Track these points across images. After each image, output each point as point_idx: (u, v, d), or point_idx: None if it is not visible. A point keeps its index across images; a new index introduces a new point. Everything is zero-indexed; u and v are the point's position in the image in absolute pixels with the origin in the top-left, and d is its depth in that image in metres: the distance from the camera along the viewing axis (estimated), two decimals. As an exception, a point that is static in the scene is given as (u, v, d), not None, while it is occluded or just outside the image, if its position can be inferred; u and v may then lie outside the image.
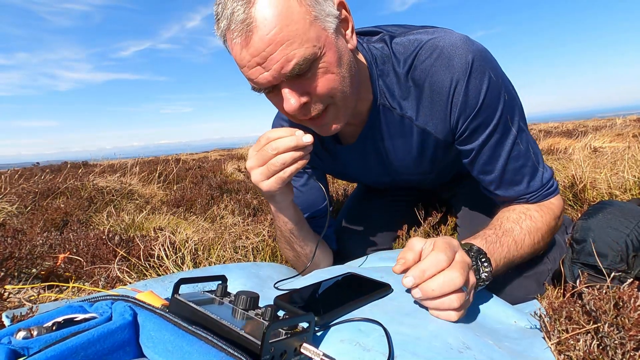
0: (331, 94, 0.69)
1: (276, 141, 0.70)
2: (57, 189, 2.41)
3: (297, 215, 0.89)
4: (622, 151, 2.35)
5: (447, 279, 0.54)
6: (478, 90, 0.72)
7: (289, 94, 0.66)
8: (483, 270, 0.65)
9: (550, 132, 5.70)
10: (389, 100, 0.81)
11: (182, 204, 2.19)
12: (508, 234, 0.74)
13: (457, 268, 0.55)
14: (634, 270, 0.75)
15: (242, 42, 0.63)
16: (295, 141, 0.69)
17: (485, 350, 0.52)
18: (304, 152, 0.71)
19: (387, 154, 0.91)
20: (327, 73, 0.66)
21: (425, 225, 1.13)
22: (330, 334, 0.53)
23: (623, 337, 0.49)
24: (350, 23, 0.72)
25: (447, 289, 0.54)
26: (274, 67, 0.63)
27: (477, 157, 0.80)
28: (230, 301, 0.54)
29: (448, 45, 0.73)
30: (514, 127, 0.77)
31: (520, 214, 0.79)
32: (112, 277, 1.08)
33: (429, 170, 0.96)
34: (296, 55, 0.62)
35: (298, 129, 0.71)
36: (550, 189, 0.82)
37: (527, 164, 0.79)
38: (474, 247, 0.66)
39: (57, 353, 0.39)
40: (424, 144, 0.85)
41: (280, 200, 0.84)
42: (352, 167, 1.01)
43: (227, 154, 6.74)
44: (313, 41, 0.63)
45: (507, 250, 0.72)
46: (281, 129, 0.71)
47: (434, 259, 0.56)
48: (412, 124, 0.82)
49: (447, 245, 0.58)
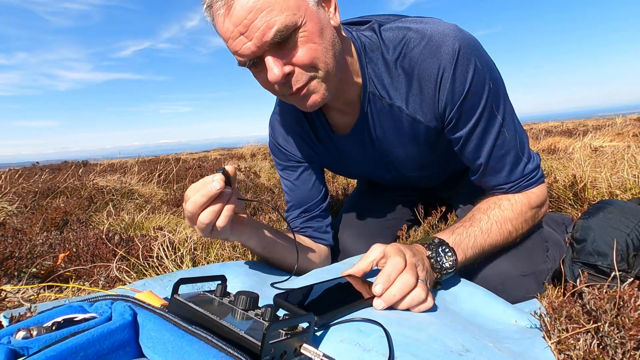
0: (314, 64, 0.69)
1: (189, 202, 0.66)
2: (57, 188, 2.41)
3: (263, 241, 0.85)
4: (622, 150, 2.35)
5: (403, 281, 0.61)
6: (464, 78, 0.74)
7: (273, 62, 0.67)
8: (447, 259, 0.71)
9: (550, 131, 5.70)
10: (377, 89, 0.82)
11: (182, 203, 2.18)
12: (475, 224, 0.79)
13: (408, 269, 0.62)
14: (634, 270, 0.75)
15: (225, 12, 0.65)
16: (207, 195, 0.65)
17: (485, 352, 0.52)
18: (222, 202, 0.67)
19: (381, 144, 0.91)
20: (308, 42, 0.67)
21: (425, 224, 1.13)
22: (330, 334, 0.53)
23: (623, 336, 0.49)
24: (333, 1, 0.74)
25: (406, 290, 0.61)
26: (255, 35, 0.64)
27: (466, 144, 0.81)
28: (230, 301, 0.53)
29: (436, 34, 0.74)
30: (499, 115, 0.78)
31: (490, 204, 0.83)
32: (112, 277, 1.08)
33: (426, 164, 0.96)
34: (277, 21, 0.64)
35: (216, 172, 0.67)
36: (531, 180, 0.83)
37: (510, 153, 0.81)
38: (436, 240, 0.73)
39: (56, 353, 0.39)
40: (415, 133, 0.85)
41: (235, 239, 0.80)
42: (348, 159, 1.01)
43: (227, 153, 6.75)
44: (293, 9, 0.65)
45: (474, 240, 0.76)
46: (196, 184, 0.68)
47: (393, 262, 0.62)
48: (402, 113, 0.82)
49: (397, 249, 0.66)
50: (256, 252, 0.88)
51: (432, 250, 0.72)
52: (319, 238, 1.05)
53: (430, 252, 0.71)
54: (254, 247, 0.85)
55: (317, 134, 0.97)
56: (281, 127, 1.02)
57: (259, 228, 0.85)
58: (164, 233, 1.29)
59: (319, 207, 1.05)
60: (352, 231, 1.18)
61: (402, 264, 0.62)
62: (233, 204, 0.69)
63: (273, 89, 0.74)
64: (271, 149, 1.08)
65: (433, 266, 0.70)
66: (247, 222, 0.81)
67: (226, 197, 0.69)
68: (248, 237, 0.81)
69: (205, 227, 0.68)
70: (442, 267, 0.71)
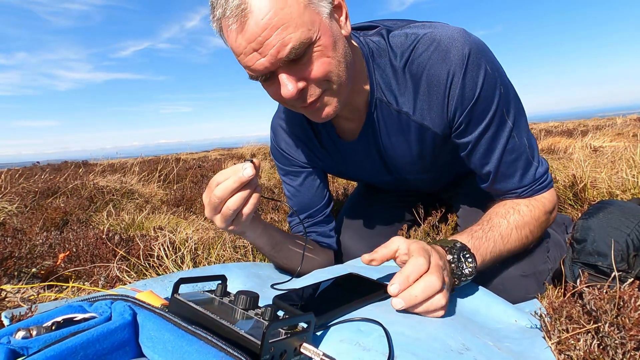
0: (327, 78, 0.69)
1: (218, 188, 0.67)
2: (57, 188, 2.41)
3: (273, 240, 0.88)
4: (622, 150, 2.35)
5: (428, 283, 0.57)
6: (475, 82, 0.73)
7: (286, 79, 0.66)
8: (467, 265, 0.67)
9: (550, 131, 5.70)
10: (385, 95, 0.81)
11: (182, 203, 2.18)
12: (495, 228, 0.76)
13: (434, 272, 0.58)
14: (634, 270, 0.75)
15: (238, 27, 0.63)
16: (239, 181, 0.66)
17: (485, 351, 0.52)
18: (250, 189, 0.68)
19: (387, 151, 0.91)
20: (322, 57, 0.66)
21: (425, 225, 1.13)
22: (330, 334, 0.53)
23: (623, 336, 0.49)
24: (344, 10, 0.72)
25: (430, 293, 0.57)
26: (270, 52, 0.63)
27: (474, 150, 0.80)
28: (230, 301, 0.53)
29: (445, 38, 0.73)
30: (509, 120, 0.77)
31: (508, 209, 0.80)
32: (112, 277, 1.08)
33: (430, 168, 0.95)
34: (292, 39, 0.62)
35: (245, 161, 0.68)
36: (542, 184, 0.82)
37: (521, 158, 0.80)
38: (458, 243, 0.68)
39: (56, 353, 0.39)
40: (422, 139, 0.85)
41: (250, 234, 0.82)
42: (353, 165, 1.01)
43: (227, 153, 6.74)
44: (308, 25, 0.63)
45: (493, 245, 0.74)
46: (226, 170, 0.69)
47: (415, 263, 0.58)
48: (410, 119, 0.82)
49: (422, 249, 0.61)
50: (264, 251, 0.89)
51: (453, 254, 0.67)
52: (322, 242, 1.05)
53: (452, 256, 0.66)
54: (263, 245, 0.87)
55: (320, 140, 0.96)
56: (284, 132, 1.01)
57: (268, 227, 0.87)
58: (164, 233, 1.29)
59: (322, 212, 1.04)
60: (353, 232, 1.17)
61: (424, 267, 0.58)
62: (259, 194, 0.71)
63: (284, 101, 0.73)
64: (273, 153, 1.06)
65: (453, 271, 0.66)
66: (260, 219, 0.83)
67: (254, 185, 0.70)
68: (260, 234, 0.84)
69: (231, 213, 0.69)
70: (462, 274, 0.66)
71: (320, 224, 1.04)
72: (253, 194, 0.69)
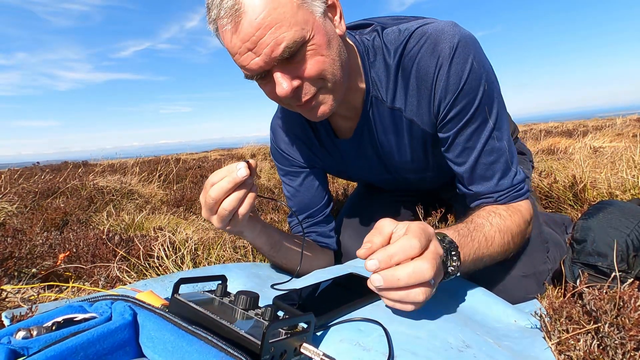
0: (322, 76, 0.69)
1: (213, 189, 0.67)
2: (57, 188, 2.41)
3: (272, 239, 0.88)
4: (622, 151, 2.35)
5: (417, 269, 0.50)
6: (459, 74, 0.72)
7: (281, 77, 0.67)
8: (451, 263, 0.60)
9: (550, 131, 5.70)
10: (380, 92, 0.82)
11: (182, 203, 2.18)
12: (479, 229, 0.70)
13: (429, 259, 0.51)
14: (634, 270, 0.75)
15: (232, 28, 0.64)
16: (233, 181, 0.66)
17: (485, 348, 0.52)
18: (245, 189, 0.69)
19: (384, 149, 0.91)
20: (316, 55, 0.67)
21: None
22: (330, 334, 0.53)
23: (623, 337, 0.49)
24: (338, 9, 0.73)
25: (414, 281, 0.50)
26: (264, 52, 0.64)
27: (452, 145, 0.79)
28: (230, 301, 0.54)
29: (435, 31, 0.73)
30: (491, 119, 0.76)
31: (489, 212, 0.76)
32: (112, 277, 1.08)
33: (425, 167, 0.96)
34: (285, 38, 0.63)
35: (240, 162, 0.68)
36: (520, 191, 0.80)
37: (500, 161, 0.78)
38: (447, 237, 0.62)
39: (56, 353, 0.39)
40: (413, 136, 0.85)
41: (249, 234, 0.83)
42: (351, 164, 1.01)
43: (227, 154, 6.75)
44: (301, 24, 0.64)
45: (477, 246, 0.67)
46: (220, 171, 0.69)
47: (405, 243, 0.51)
48: (402, 116, 0.82)
49: (422, 231, 0.53)
50: (263, 250, 0.89)
51: (444, 248, 0.59)
52: (322, 242, 1.05)
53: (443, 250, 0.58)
54: (262, 245, 0.87)
55: (319, 139, 0.97)
56: (283, 132, 1.01)
57: (267, 227, 0.87)
58: (164, 233, 1.29)
59: (322, 212, 1.04)
60: (353, 232, 1.17)
61: (415, 250, 0.51)
62: (254, 193, 0.71)
63: (280, 100, 0.74)
64: (273, 153, 1.07)
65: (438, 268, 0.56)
66: (258, 219, 0.84)
67: (249, 185, 0.70)
68: (259, 234, 0.84)
69: (227, 214, 0.69)
70: (446, 272, 0.60)
71: (320, 224, 1.04)
72: (249, 194, 0.70)
